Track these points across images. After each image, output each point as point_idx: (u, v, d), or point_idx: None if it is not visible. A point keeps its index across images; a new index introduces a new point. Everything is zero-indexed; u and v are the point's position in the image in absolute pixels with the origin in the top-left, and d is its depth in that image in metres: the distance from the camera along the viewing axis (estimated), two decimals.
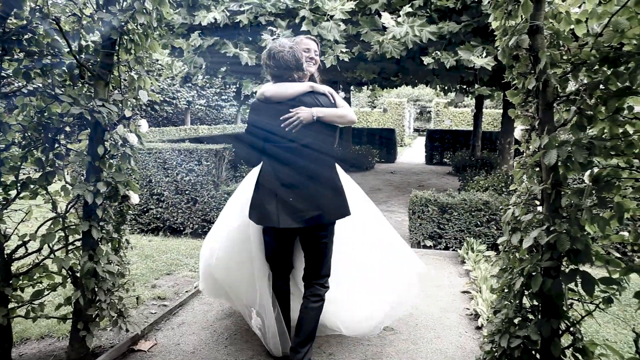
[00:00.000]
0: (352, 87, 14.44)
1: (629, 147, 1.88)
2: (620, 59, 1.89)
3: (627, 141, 1.89)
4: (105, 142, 2.69)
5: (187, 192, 6.12)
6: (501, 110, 12.13)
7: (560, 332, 2.15)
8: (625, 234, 1.97)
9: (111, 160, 2.77)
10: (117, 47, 2.66)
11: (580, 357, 2.14)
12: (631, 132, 1.92)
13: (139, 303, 3.83)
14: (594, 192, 1.92)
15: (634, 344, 1.85)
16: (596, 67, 1.97)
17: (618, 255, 2.03)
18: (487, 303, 3.67)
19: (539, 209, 2.22)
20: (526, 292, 2.26)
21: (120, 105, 2.70)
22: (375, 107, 31.30)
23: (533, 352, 2.22)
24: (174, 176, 6.14)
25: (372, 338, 3.32)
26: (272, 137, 2.54)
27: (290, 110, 2.52)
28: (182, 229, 6.20)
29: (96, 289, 2.74)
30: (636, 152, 1.87)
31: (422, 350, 3.15)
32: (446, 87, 12.22)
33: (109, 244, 2.89)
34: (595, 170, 1.94)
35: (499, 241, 2.44)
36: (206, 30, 6.92)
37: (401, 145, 23.91)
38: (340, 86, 10.72)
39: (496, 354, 2.33)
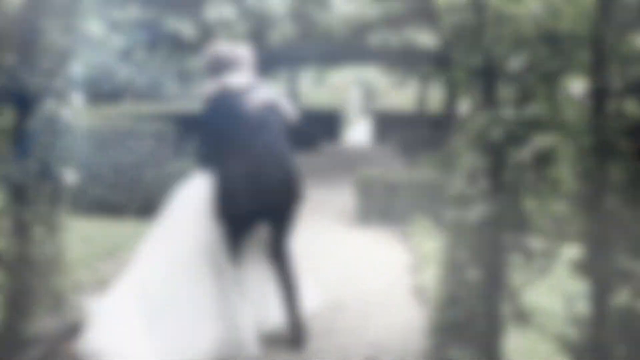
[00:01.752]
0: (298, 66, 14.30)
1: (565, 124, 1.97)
2: (557, 39, 1.95)
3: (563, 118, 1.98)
4: (33, 116, 2.48)
5: (128, 171, 5.85)
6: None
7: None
8: (561, 207, 2.07)
9: (41, 136, 2.56)
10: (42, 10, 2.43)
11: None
12: (567, 109, 2.01)
13: (78, 287, 3.64)
14: (533, 167, 2.00)
15: (566, 309, 1.96)
16: (536, 46, 2.03)
17: (554, 227, 2.14)
18: (433, 277, 3.79)
19: (483, 183, 2.28)
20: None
21: (49, 75, 2.49)
22: (321, 86, 31.20)
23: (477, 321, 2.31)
24: (114, 155, 5.84)
25: (322, 315, 3.34)
26: (242, 115, 2.71)
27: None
28: (124, 209, 5.94)
29: (29, 275, 2.56)
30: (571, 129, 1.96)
31: (371, 325, 3.21)
32: (392, 67, 12.37)
33: (42, 226, 2.70)
34: (535, 146, 2.01)
35: (445, 216, 2.50)
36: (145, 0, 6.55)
37: (348, 125, 24.05)
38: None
39: (442, 325, 2.41)
